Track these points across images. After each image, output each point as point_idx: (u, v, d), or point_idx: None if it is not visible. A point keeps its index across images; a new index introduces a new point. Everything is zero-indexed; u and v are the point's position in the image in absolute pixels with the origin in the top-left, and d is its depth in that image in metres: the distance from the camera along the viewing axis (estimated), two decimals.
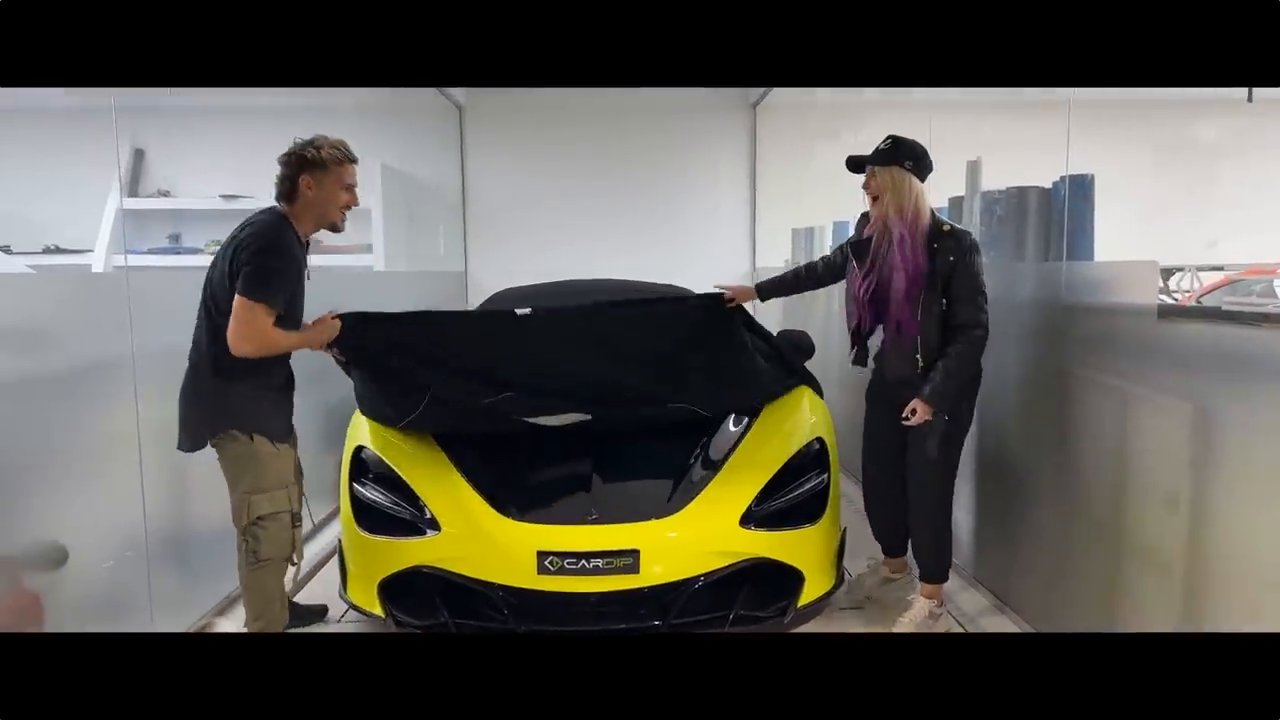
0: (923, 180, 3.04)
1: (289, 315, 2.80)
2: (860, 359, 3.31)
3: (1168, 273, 7.01)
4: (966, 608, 3.49)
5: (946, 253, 2.96)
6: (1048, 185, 3.32)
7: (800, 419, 3.66)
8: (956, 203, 4.10)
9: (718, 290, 3.51)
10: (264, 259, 2.68)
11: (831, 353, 4.92)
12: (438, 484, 3.20)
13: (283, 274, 2.73)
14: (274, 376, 2.90)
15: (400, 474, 3.24)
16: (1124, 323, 2.67)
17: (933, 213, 3.06)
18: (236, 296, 2.65)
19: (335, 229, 2.96)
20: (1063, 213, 3.15)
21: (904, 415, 3.02)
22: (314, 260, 3.01)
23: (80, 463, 2.71)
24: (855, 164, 3.11)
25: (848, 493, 3.77)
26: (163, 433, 2.93)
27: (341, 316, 3.03)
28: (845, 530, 3.56)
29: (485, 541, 3.01)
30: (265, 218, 2.82)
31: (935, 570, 3.27)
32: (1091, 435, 2.82)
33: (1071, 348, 2.94)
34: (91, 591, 2.77)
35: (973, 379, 3.12)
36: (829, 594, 3.34)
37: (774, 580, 3.18)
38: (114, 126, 2.87)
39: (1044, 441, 3.08)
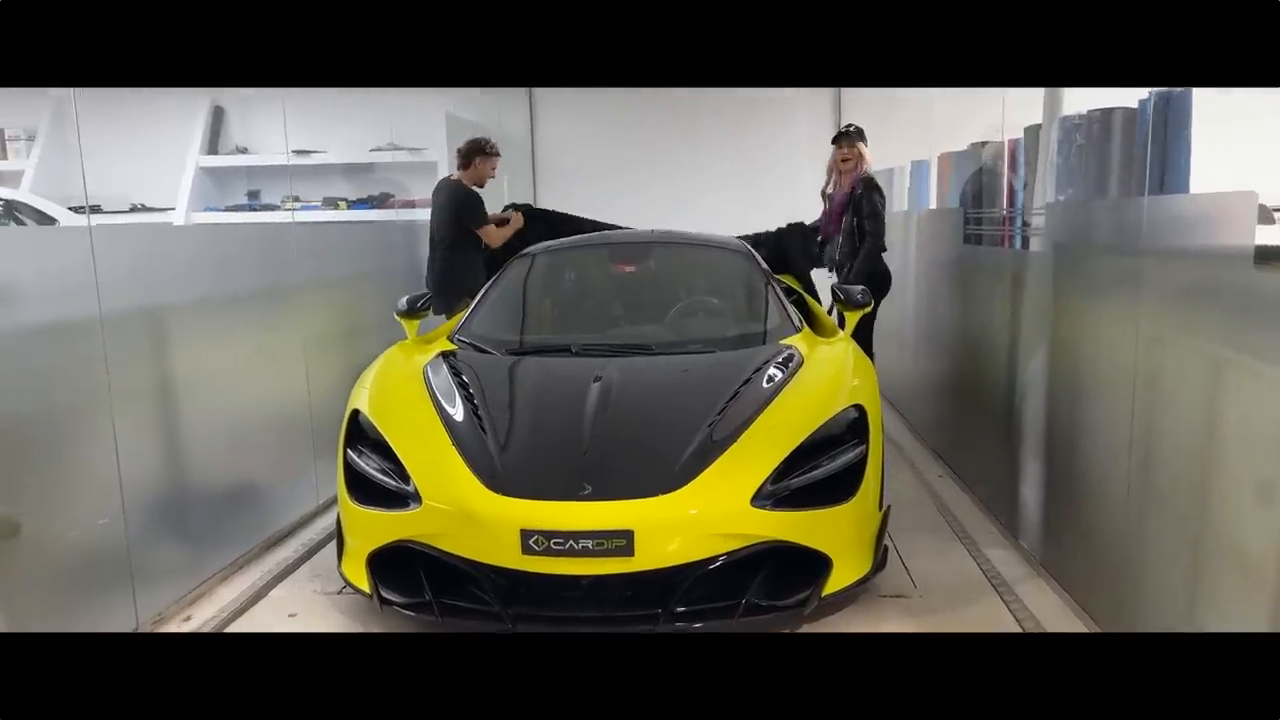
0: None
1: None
2: (827, 263, 5.23)
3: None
4: (1025, 597, 3.08)
5: (863, 189, 4.88)
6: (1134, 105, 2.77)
7: (839, 382, 3.25)
8: (1033, 132, 3.54)
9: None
10: (467, 207, 5.05)
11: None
12: (426, 453, 2.95)
13: (477, 208, 5.08)
14: (469, 276, 4.93)
15: (389, 441, 3.01)
16: (1214, 270, 2.15)
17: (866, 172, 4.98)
18: (477, 230, 5.07)
19: (481, 186, 5.18)
20: (1147, 137, 2.61)
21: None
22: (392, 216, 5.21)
23: (52, 427, 2.59)
24: (841, 135, 5.08)
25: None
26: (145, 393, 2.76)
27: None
28: (889, 509, 3.15)
29: (467, 517, 2.74)
30: (448, 187, 5.14)
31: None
32: (1173, 408, 2.32)
33: (1150, 302, 2.43)
34: (56, 561, 2.65)
35: (871, 275, 4.71)
36: (863, 580, 2.95)
37: (797, 566, 2.82)
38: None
39: (1117, 415, 2.59)
